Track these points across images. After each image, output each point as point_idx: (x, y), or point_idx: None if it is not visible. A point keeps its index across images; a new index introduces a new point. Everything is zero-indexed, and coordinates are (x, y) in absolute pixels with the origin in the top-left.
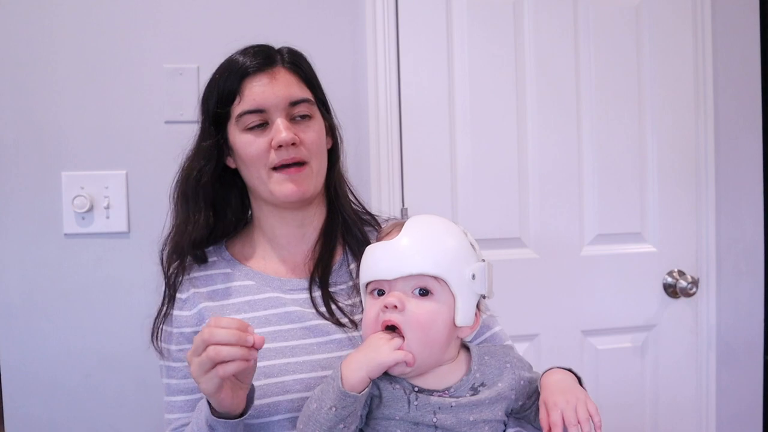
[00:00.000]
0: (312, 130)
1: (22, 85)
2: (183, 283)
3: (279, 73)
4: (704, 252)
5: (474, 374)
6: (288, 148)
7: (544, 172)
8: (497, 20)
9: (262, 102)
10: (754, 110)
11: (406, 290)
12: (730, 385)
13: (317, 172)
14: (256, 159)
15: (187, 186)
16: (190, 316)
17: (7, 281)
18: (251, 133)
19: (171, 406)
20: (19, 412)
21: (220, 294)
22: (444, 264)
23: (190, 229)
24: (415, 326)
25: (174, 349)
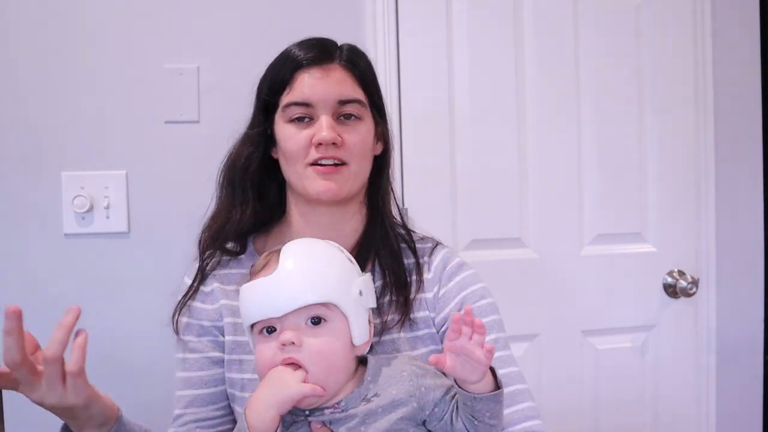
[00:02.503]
0: (357, 132)
1: (22, 85)
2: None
3: (334, 69)
4: (704, 252)
5: (367, 385)
6: (328, 147)
7: (544, 172)
8: (497, 21)
9: (310, 96)
10: (754, 110)
11: (299, 323)
12: (730, 385)
13: (355, 175)
14: (295, 153)
15: (234, 172)
16: (211, 310)
17: (7, 281)
18: (294, 125)
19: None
20: (20, 412)
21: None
22: (331, 288)
23: (236, 219)
24: (317, 359)
25: (191, 341)
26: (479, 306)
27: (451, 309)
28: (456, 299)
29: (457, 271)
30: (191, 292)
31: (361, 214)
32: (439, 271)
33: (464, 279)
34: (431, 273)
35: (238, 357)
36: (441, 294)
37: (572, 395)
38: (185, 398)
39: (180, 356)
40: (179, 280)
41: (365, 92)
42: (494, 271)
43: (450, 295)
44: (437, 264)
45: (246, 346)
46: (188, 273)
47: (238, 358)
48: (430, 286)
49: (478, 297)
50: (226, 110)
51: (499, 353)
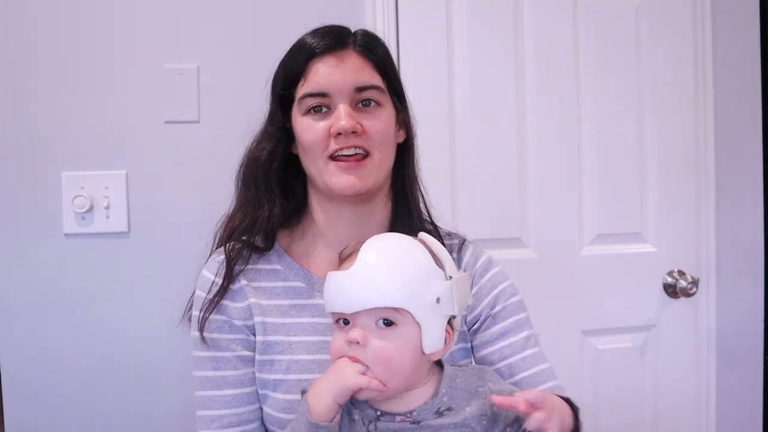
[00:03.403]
0: (378, 119)
1: (22, 86)
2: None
3: (348, 56)
4: (704, 252)
5: (441, 398)
6: (348, 137)
7: (544, 172)
8: (497, 20)
9: (326, 85)
10: (754, 110)
11: (369, 322)
12: (730, 385)
13: (379, 165)
14: (314, 146)
15: (257, 169)
16: (241, 308)
17: (7, 281)
18: (311, 117)
19: (212, 401)
20: (19, 412)
21: (268, 292)
22: (403, 294)
23: (264, 217)
24: (379, 362)
25: (222, 338)
26: (511, 303)
27: (484, 306)
28: (489, 296)
29: (488, 267)
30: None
31: (386, 207)
32: (470, 268)
33: (495, 276)
34: (462, 269)
35: (269, 357)
36: (474, 290)
37: (572, 395)
38: (222, 399)
39: (208, 354)
40: (179, 280)
41: (383, 78)
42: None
43: (483, 291)
44: (468, 260)
45: (276, 347)
46: (207, 267)
47: (269, 359)
48: None
49: (509, 294)
50: (226, 110)
51: (531, 350)
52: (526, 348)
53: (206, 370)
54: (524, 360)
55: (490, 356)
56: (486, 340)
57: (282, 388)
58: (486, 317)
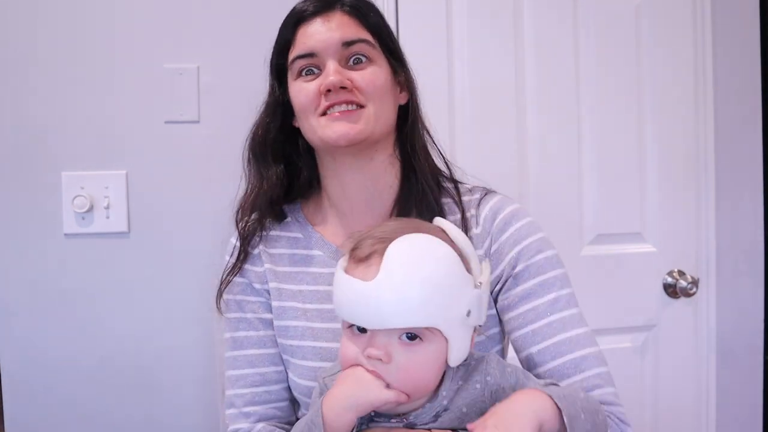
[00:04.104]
0: (369, 71)
1: (22, 86)
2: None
3: (335, 15)
4: (704, 252)
5: (440, 401)
6: (338, 93)
7: (544, 171)
8: (497, 20)
9: (313, 45)
10: (754, 110)
11: (392, 336)
12: (730, 385)
13: (376, 117)
14: (306, 106)
15: (254, 145)
16: (260, 272)
17: (7, 281)
18: (302, 79)
19: (236, 361)
20: (19, 412)
21: (286, 259)
22: (436, 313)
23: (266, 188)
24: (404, 377)
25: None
26: (536, 262)
27: (505, 264)
28: (510, 254)
29: (511, 220)
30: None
31: (395, 168)
32: (488, 225)
33: (519, 230)
34: (479, 227)
35: (284, 323)
36: (493, 250)
37: None
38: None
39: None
40: (179, 280)
41: (374, 36)
42: None
43: (504, 249)
44: (486, 216)
45: (291, 312)
46: (234, 235)
47: (284, 324)
48: (479, 243)
49: (535, 251)
50: (226, 110)
51: (559, 314)
52: (553, 312)
53: (231, 331)
54: (550, 326)
55: (514, 321)
56: (509, 304)
57: (299, 354)
58: (507, 277)
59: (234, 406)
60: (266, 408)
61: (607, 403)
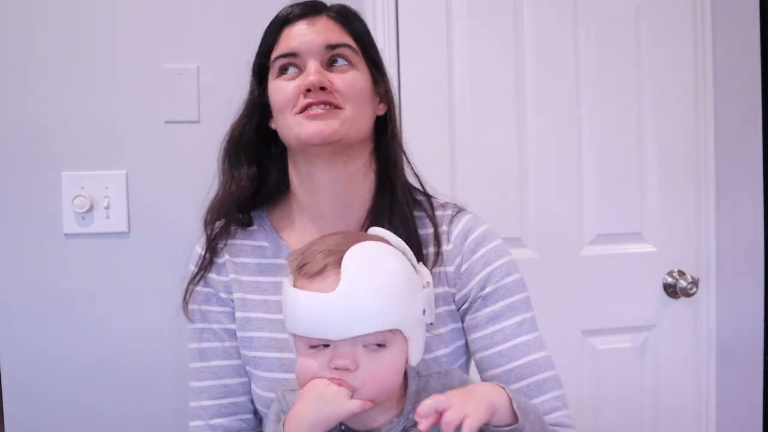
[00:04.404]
0: (349, 75)
1: (22, 86)
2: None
3: (320, 19)
4: (704, 252)
5: (406, 415)
6: (317, 93)
7: (544, 171)
8: (497, 20)
9: (296, 45)
10: (754, 110)
11: (356, 345)
12: (730, 385)
13: (351, 120)
14: (284, 105)
15: (230, 146)
16: (225, 282)
17: (7, 281)
18: (283, 78)
19: (200, 372)
20: (19, 412)
21: (251, 269)
22: (396, 313)
23: (234, 189)
24: (371, 383)
25: (210, 311)
26: (505, 284)
27: (473, 286)
28: (480, 275)
29: (482, 241)
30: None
31: (368, 179)
32: (459, 242)
33: (489, 252)
34: (451, 244)
35: (248, 334)
36: (464, 269)
37: (572, 395)
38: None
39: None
40: (179, 280)
41: (357, 43)
42: None
43: (474, 269)
44: (457, 234)
45: (256, 323)
46: (199, 243)
47: (249, 335)
48: (450, 259)
49: (504, 274)
50: (226, 110)
51: (524, 337)
52: (519, 335)
53: (196, 342)
54: (515, 348)
55: (481, 341)
56: (476, 324)
57: (263, 366)
58: (475, 298)
59: (200, 418)
60: (232, 420)
61: (563, 425)
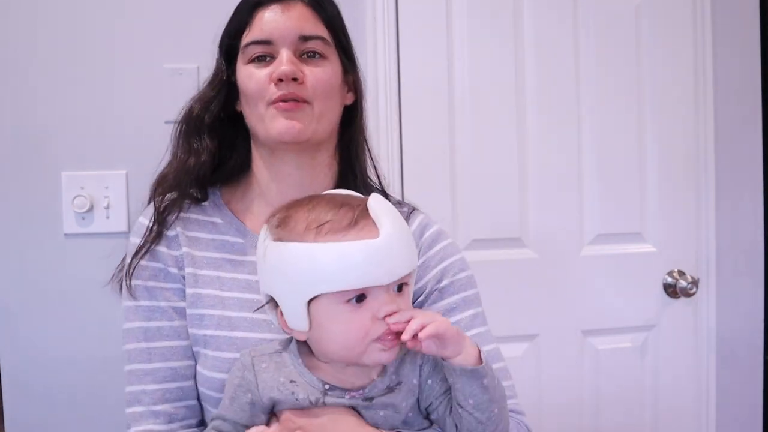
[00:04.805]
0: (321, 69)
1: (22, 86)
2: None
3: (295, 6)
4: (704, 252)
5: (390, 375)
6: (288, 83)
7: (544, 171)
8: (497, 20)
9: (269, 32)
10: (754, 110)
11: (391, 290)
12: (730, 385)
13: (319, 116)
14: (255, 93)
15: (190, 120)
16: (176, 256)
17: (7, 281)
18: (254, 65)
19: (146, 353)
20: (19, 412)
21: (204, 244)
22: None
23: (192, 164)
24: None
25: (158, 287)
26: (459, 279)
27: (429, 279)
28: (436, 269)
29: (437, 239)
30: (152, 235)
31: (332, 169)
32: (417, 237)
33: (445, 248)
34: None
35: (198, 312)
36: (421, 262)
37: (572, 395)
38: (157, 351)
39: (142, 304)
40: None
41: (330, 32)
42: (494, 271)
43: (430, 263)
44: (415, 230)
45: (207, 300)
46: (144, 214)
47: (199, 313)
48: None
49: (458, 269)
50: None
51: (477, 330)
52: (473, 326)
53: (139, 321)
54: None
55: None
56: None
57: (213, 345)
58: (432, 291)
59: (140, 404)
60: (176, 407)
61: (516, 411)
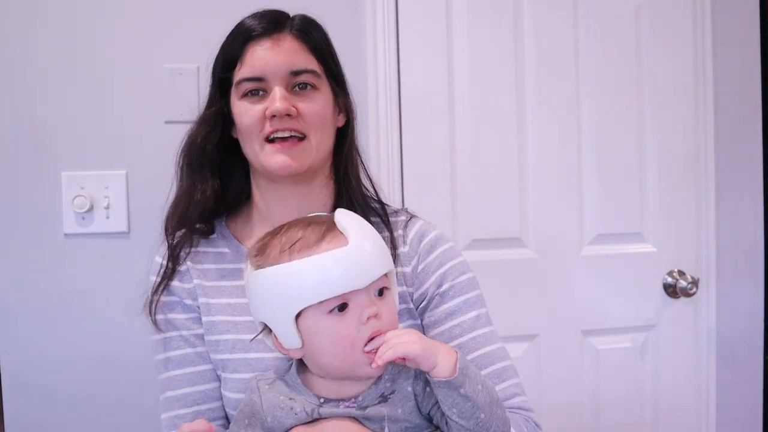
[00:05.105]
0: (313, 102)
1: (22, 85)
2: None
3: (284, 39)
4: (704, 252)
5: (384, 383)
6: (282, 119)
7: (544, 171)
8: (497, 20)
9: (261, 69)
10: (754, 110)
11: (371, 295)
12: (730, 385)
13: (317, 147)
14: (250, 128)
15: (192, 153)
16: (189, 289)
17: (7, 281)
18: (248, 100)
19: (175, 381)
20: (19, 412)
21: (214, 274)
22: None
23: (198, 199)
24: (390, 325)
25: (177, 318)
26: (460, 282)
27: (430, 283)
28: (436, 273)
29: (436, 244)
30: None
31: (329, 188)
32: (415, 245)
33: (444, 253)
34: (407, 246)
35: (214, 338)
36: (420, 268)
37: (572, 395)
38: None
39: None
40: None
41: (320, 61)
42: (494, 271)
43: (430, 269)
44: (413, 237)
45: (221, 326)
46: (159, 253)
47: (215, 339)
48: (406, 260)
49: (458, 273)
50: None
51: (480, 331)
52: (476, 328)
53: (165, 351)
54: (474, 340)
55: (440, 336)
56: (435, 320)
57: (230, 368)
58: (433, 296)
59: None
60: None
61: (524, 408)
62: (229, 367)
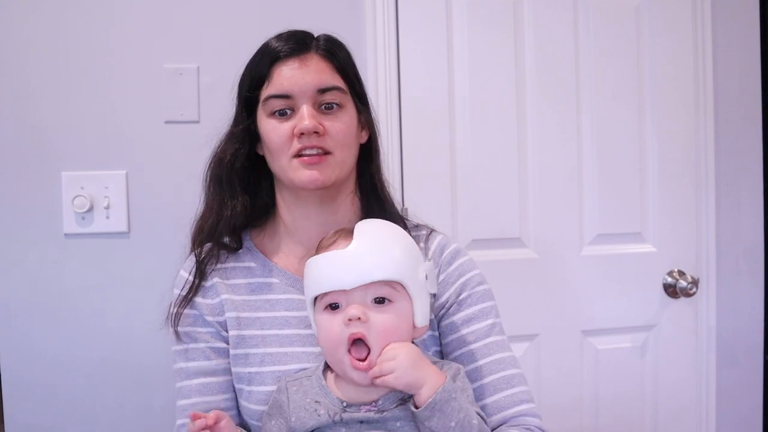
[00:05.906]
0: (339, 120)
1: (22, 85)
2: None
3: (311, 59)
4: (704, 252)
5: None
6: (310, 137)
7: (544, 172)
8: (497, 21)
9: (289, 87)
10: (754, 110)
11: (365, 300)
12: (730, 385)
13: (341, 164)
14: (278, 146)
15: (221, 170)
16: (212, 304)
17: (7, 281)
18: (275, 118)
19: (186, 390)
20: (19, 412)
21: (242, 288)
22: (401, 267)
23: (227, 215)
24: (382, 336)
25: (196, 331)
26: (477, 291)
27: (450, 294)
28: (456, 284)
29: (456, 256)
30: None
31: (354, 205)
32: (437, 257)
33: (463, 264)
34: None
35: (243, 351)
36: (441, 278)
37: (572, 395)
38: (195, 387)
39: (181, 348)
40: None
41: (344, 80)
42: (494, 271)
43: (450, 279)
44: (434, 249)
45: (251, 340)
46: (184, 267)
47: (244, 353)
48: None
49: (476, 283)
50: (226, 110)
51: (495, 338)
52: (489, 335)
53: (181, 362)
54: (487, 346)
55: (455, 342)
56: (451, 327)
57: (257, 381)
58: (452, 304)
59: None
60: None
61: (532, 414)
62: (257, 380)
